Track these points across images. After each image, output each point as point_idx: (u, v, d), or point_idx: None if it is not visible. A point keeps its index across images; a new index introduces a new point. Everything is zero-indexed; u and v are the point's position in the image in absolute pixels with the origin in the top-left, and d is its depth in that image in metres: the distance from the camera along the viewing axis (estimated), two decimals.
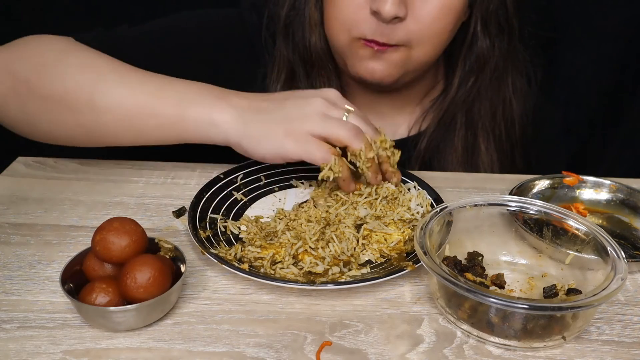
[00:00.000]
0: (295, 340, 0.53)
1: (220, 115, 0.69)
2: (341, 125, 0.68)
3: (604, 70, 1.20)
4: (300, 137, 0.67)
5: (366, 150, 0.68)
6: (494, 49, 0.86)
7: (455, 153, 0.90)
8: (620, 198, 0.75)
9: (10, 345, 0.52)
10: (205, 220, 0.68)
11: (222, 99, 0.70)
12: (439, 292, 0.56)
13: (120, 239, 0.54)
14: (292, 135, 0.67)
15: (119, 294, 0.53)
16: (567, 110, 1.20)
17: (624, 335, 0.55)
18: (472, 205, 0.63)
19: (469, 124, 0.90)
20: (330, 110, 0.69)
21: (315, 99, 0.70)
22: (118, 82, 0.72)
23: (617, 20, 1.16)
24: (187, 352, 0.52)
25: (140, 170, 0.80)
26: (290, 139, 0.67)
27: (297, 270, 0.60)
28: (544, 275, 0.62)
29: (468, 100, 0.89)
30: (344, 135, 0.67)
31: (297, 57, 0.87)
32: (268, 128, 0.68)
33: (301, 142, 0.67)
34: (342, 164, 0.68)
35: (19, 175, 0.78)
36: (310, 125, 0.67)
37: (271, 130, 0.68)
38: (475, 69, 0.87)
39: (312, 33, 0.86)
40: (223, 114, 0.69)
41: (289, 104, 0.70)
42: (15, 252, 0.63)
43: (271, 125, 0.68)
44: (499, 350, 0.53)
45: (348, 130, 0.68)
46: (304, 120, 0.68)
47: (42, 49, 0.76)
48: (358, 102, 0.92)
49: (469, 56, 0.87)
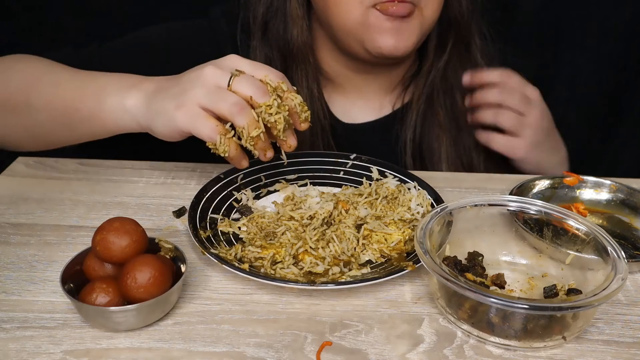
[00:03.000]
0: (296, 340, 0.53)
1: (130, 101, 0.69)
2: (225, 98, 0.64)
3: (604, 70, 1.20)
4: (190, 110, 0.64)
5: (249, 128, 0.64)
6: (463, 16, 0.88)
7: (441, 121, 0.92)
8: (620, 198, 0.75)
9: (11, 345, 0.52)
10: (205, 220, 0.68)
11: (135, 85, 0.70)
12: (439, 292, 0.56)
13: (121, 239, 0.54)
14: (182, 109, 0.64)
15: (119, 294, 0.53)
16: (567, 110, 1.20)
17: (624, 335, 0.55)
18: (473, 205, 0.63)
19: (448, 91, 0.91)
20: (219, 78, 0.65)
21: (207, 67, 0.66)
22: (50, 81, 0.75)
23: (617, 20, 1.16)
24: (187, 352, 0.52)
25: (140, 170, 0.80)
26: (180, 112, 0.64)
27: (297, 270, 0.61)
28: (544, 275, 0.62)
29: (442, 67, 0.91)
30: (227, 110, 0.64)
31: (277, 52, 0.88)
32: (163, 104, 0.66)
33: (190, 115, 0.64)
34: (229, 142, 0.65)
35: (19, 175, 0.78)
36: (197, 97, 0.64)
37: (165, 106, 0.66)
38: (445, 36, 0.89)
39: (295, 26, 0.86)
40: (133, 99, 0.69)
41: (185, 77, 0.67)
42: (16, 252, 0.63)
43: (166, 102, 0.66)
44: (499, 350, 0.53)
45: (231, 105, 0.63)
46: (191, 91, 0.65)
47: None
48: (344, 87, 0.94)
49: (441, 24, 0.89)
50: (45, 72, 0.76)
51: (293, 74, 0.89)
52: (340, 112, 0.94)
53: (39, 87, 0.74)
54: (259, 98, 0.64)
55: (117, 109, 0.70)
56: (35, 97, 0.74)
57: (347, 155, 0.80)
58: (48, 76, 0.75)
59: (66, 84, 0.74)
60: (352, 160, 0.80)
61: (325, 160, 0.80)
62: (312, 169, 0.79)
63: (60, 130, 0.75)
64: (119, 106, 0.69)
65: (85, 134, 0.75)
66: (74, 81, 0.74)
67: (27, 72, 0.77)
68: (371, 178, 0.77)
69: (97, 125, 0.72)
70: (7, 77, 0.76)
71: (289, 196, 0.73)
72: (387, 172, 0.77)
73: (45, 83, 0.75)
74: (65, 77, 0.75)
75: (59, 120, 0.74)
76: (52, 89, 0.74)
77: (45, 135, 0.77)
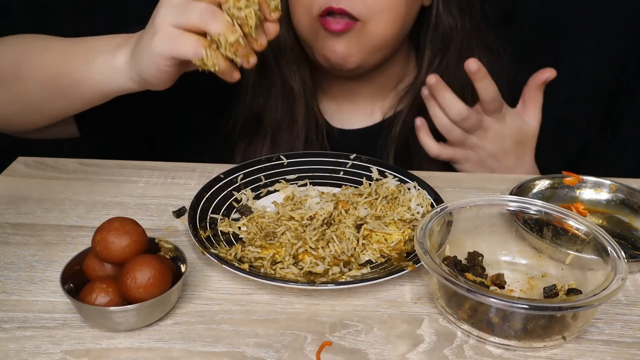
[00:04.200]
0: (296, 340, 0.53)
1: (119, 59, 0.68)
2: (193, 7, 0.61)
3: (604, 70, 1.20)
4: (164, 33, 0.62)
5: (226, 34, 0.60)
6: (458, 29, 0.88)
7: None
8: (620, 198, 0.75)
9: (10, 345, 0.52)
10: (205, 220, 0.68)
11: (122, 44, 0.68)
12: (439, 292, 0.56)
13: (121, 239, 0.54)
14: (157, 35, 0.62)
15: (119, 294, 0.53)
16: (567, 110, 1.20)
17: (624, 335, 0.55)
18: (472, 205, 0.63)
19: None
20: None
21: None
22: (40, 50, 0.74)
23: (617, 20, 1.16)
24: (187, 352, 0.52)
25: (140, 170, 0.80)
26: (156, 39, 0.62)
27: (297, 270, 0.61)
28: (544, 275, 0.62)
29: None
30: (198, 20, 0.60)
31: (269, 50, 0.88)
32: (142, 45, 0.65)
33: (167, 38, 0.62)
34: (216, 55, 0.62)
35: (19, 175, 0.78)
36: (166, 18, 0.62)
37: (143, 45, 0.64)
38: (441, 48, 0.89)
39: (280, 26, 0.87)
40: (122, 57, 0.68)
41: (155, 10, 0.65)
42: (15, 252, 0.63)
43: (143, 41, 0.64)
44: (499, 350, 0.53)
45: (201, 13, 0.60)
46: (159, 15, 0.63)
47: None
48: (334, 92, 0.94)
49: (435, 37, 0.89)
50: (35, 41, 0.76)
51: (284, 70, 0.89)
52: (329, 116, 0.94)
53: (28, 56, 0.74)
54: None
55: (106, 69, 0.68)
56: (25, 66, 0.73)
57: (347, 155, 0.80)
58: (38, 44, 0.75)
59: (55, 49, 0.73)
60: (352, 160, 0.80)
61: (325, 161, 0.80)
62: (312, 169, 0.79)
63: (51, 98, 0.74)
64: (108, 66, 0.68)
65: (78, 101, 0.73)
66: (63, 46, 0.73)
67: (17, 44, 0.77)
68: (371, 178, 0.77)
69: (87, 88, 0.71)
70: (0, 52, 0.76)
71: (289, 196, 0.73)
72: (387, 172, 0.77)
73: (35, 51, 0.74)
74: (55, 44, 0.75)
75: (48, 86, 0.73)
76: (41, 55, 0.73)
77: (36, 106, 0.76)
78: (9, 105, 0.77)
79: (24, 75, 0.73)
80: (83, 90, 0.71)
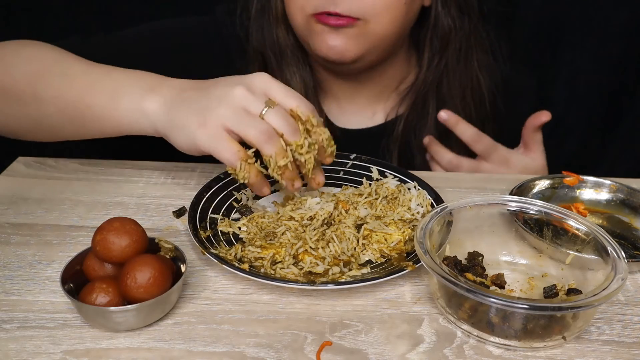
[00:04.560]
0: (296, 340, 0.53)
1: (149, 105, 0.67)
2: (254, 124, 0.62)
3: (604, 70, 1.20)
4: (213, 130, 0.62)
5: (277, 157, 0.63)
6: (456, 29, 0.89)
7: (430, 134, 0.92)
8: (620, 198, 0.75)
9: (11, 345, 0.52)
10: (205, 220, 0.68)
11: (154, 88, 0.68)
12: (439, 292, 0.56)
13: (121, 239, 0.54)
14: (205, 128, 0.63)
15: (119, 294, 0.53)
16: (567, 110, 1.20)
17: (624, 335, 0.55)
18: (472, 205, 0.63)
19: (440, 104, 0.92)
20: (250, 103, 0.63)
21: (237, 87, 0.64)
22: (60, 73, 0.72)
23: (617, 20, 1.16)
24: (187, 352, 0.52)
25: (140, 170, 0.80)
26: (202, 131, 0.63)
27: (297, 270, 0.60)
28: (544, 275, 0.62)
29: (436, 80, 0.91)
30: (254, 138, 0.62)
31: (268, 49, 0.89)
32: (186, 118, 0.64)
33: (213, 136, 0.63)
34: (250, 169, 0.64)
35: (19, 175, 0.78)
36: (223, 118, 0.62)
37: (188, 121, 0.64)
38: (440, 48, 0.90)
39: (278, 26, 0.88)
40: (152, 104, 0.67)
41: (212, 92, 0.65)
42: (15, 252, 0.63)
43: (189, 116, 0.64)
44: (499, 350, 0.53)
45: (260, 133, 0.62)
46: (217, 110, 0.63)
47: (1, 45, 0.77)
48: (335, 92, 0.93)
49: (434, 37, 0.90)
50: (55, 62, 0.73)
51: (285, 72, 0.90)
52: (332, 116, 0.95)
53: (48, 78, 0.71)
54: (290, 136, 0.64)
55: (133, 111, 0.67)
56: (43, 88, 0.71)
57: (347, 155, 0.80)
58: (58, 66, 0.72)
59: (78, 77, 0.71)
60: (352, 160, 0.80)
61: None
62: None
63: (69, 124, 0.72)
64: (135, 108, 0.67)
65: (95, 131, 0.72)
66: (87, 75, 0.71)
67: (34, 60, 0.74)
68: (371, 178, 0.77)
69: (109, 124, 0.70)
70: (11, 63, 0.74)
71: (289, 196, 0.73)
72: (387, 172, 0.77)
73: (55, 74, 0.72)
74: (77, 69, 0.72)
75: (67, 114, 0.71)
76: (62, 81, 0.71)
77: (51, 128, 0.74)
78: (22, 120, 0.75)
79: (41, 97, 0.71)
80: (103, 125, 0.70)
